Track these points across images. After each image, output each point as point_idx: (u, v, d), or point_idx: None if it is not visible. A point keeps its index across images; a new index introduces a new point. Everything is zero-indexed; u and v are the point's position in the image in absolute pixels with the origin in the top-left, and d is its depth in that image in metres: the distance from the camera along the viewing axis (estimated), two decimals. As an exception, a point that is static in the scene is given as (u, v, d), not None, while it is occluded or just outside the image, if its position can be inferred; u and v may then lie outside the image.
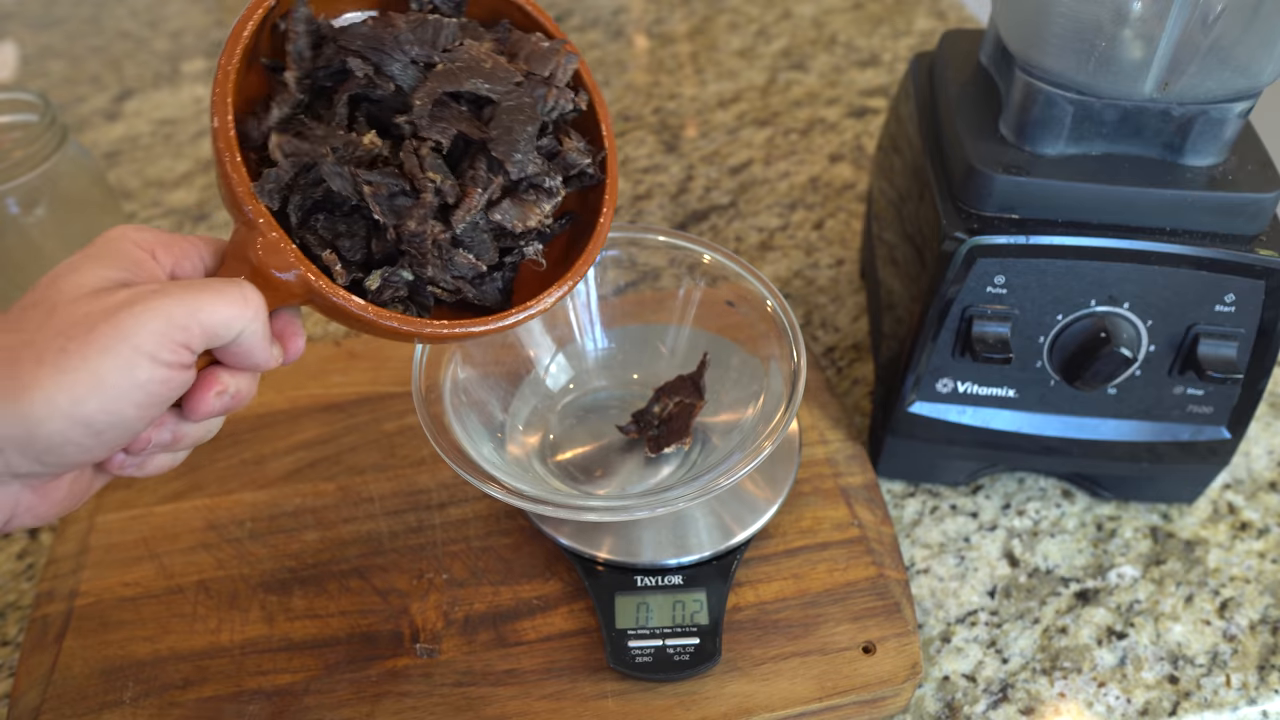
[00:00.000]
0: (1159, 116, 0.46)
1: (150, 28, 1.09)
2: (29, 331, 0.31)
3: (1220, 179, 0.47)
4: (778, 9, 1.08)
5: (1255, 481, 0.58)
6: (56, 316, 0.32)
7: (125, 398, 0.32)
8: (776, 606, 0.49)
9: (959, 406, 0.53)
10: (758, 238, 0.76)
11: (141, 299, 0.32)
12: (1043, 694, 0.48)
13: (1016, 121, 0.48)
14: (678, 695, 0.45)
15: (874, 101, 0.92)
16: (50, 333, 0.31)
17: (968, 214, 0.48)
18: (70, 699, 0.46)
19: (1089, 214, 0.47)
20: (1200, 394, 0.50)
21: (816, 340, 0.68)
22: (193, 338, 0.33)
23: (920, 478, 0.58)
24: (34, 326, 0.32)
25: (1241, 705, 0.48)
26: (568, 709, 0.45)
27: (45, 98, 0.63)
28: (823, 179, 0.82)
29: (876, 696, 0.46)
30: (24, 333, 0.31)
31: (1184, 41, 0.43)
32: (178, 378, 0.33)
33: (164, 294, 0.33)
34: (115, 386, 0.31)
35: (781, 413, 0.46)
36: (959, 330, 0.50)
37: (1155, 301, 0.48)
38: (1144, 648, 0.50)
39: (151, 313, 0.32)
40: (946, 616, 0.52)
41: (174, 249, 0.36)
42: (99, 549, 0.52)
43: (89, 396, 0.31)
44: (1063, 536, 0.55)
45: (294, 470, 0.56)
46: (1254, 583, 0.53)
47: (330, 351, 0.63)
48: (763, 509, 0.50)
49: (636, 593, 0.47)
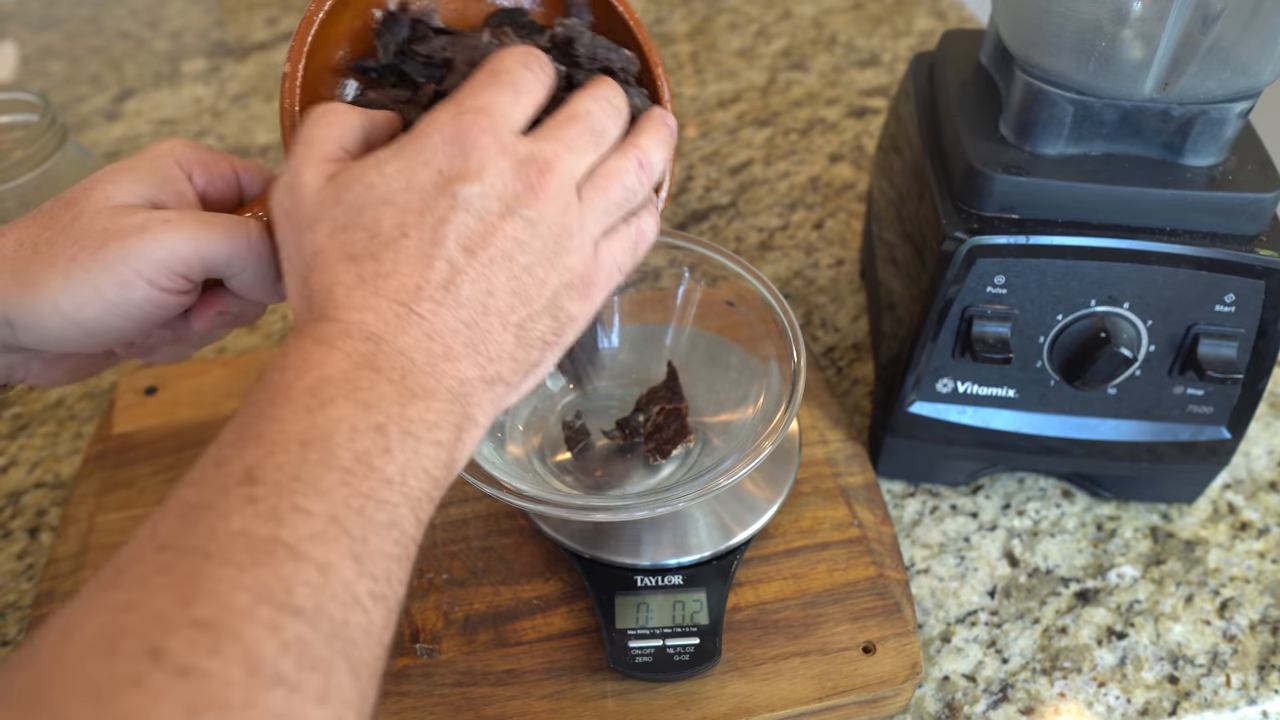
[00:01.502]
0: (1159, 116, 0.46)
1: (150, 28, 1.09)
2: (55, 230, 0.35)
3: (1220, 179, 0.47)
4: (778, 9, 1.08)
5: (1255, 481, 0.58)
6: (80, 223, 0.35)
7: (120, 311, 0.35)
8: (776, 606, 0.49)
9: (959, 406, 0.53)
10: (758, 238, 0.76)
11: (153, 226, 0.35)
12: (1043, 694, 0.48)
13: (1016, 121, 0.48)
14: (678, 695, 0.45)
15: (874, 101, 0.92)
16: (69, 239, 0.35)
17: (968, 214, 0.48)
18: (70, 699, 0.46)
19: (1089, 214, 0.47)
20: (1200, 394, 0.50)
21: (816, 340, 0.68)
22: (192, 270, 0.36)
23: (920, 478, 0.58)
24: (60, 226, 0.35)
25: (1241, 705, 0.48)
26: (568, 709, 0.45)
27: (45, 98, 0.63)
28: (823, 179, 0.82)
29: (876, 696, 0.46)
30: (51, 230, 0.35)
31: (1184, 42, 0.43)
32: (174, 301, 0.36)
33: (174, 226, 0.35)
34: (112, 302, 0.35)
35: (781, 413, 0.46)
36: (959, 330, 0.50)
37: (1155, 301, 0.48)
38: (1144, 648, 0.50)
39: (158, 243, 0.35)
40: (946, 616, 0.52)
41: (211, 170, 0.39)
42: (99, 549, 0.52)
43: (88, 305, 0.35)
44: (1063, 536, 0.55)
45: (294, 470, 0.56)
46: (1254, 583, 0.53)
47: (330, 351, 0.63)
48: (763, 509, 0.50)
49: (636, 593, 0.47)
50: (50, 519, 0.58)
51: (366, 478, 0.29)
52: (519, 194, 0.33)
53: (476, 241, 0.32)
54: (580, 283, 0.35)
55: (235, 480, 0.27)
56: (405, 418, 0.30)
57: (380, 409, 0.30)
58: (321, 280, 0.32)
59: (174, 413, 0.59)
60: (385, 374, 0.31)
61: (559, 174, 0.34)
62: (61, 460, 0.61)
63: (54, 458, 0.61)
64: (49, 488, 0.59)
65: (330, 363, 0.30)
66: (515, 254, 0.33)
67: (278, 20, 1.08)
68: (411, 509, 0.30)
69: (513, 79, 0.35)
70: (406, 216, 0.32)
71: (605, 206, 0.36)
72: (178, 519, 0.27)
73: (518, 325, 0.34)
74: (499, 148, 0.33)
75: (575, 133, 0.35)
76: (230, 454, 0.28)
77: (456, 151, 0.33)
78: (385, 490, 0.29)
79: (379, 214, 0.32)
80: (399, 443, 0.30)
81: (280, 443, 0.28)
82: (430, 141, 0.33)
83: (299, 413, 0.29)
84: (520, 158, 0.33)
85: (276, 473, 0.27)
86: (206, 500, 0.27)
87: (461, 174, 0.32)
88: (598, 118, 0.36)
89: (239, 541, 0.26)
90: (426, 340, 0.32)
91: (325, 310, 0.32)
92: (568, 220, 0.34)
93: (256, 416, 0.29)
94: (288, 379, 0.30)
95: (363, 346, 0.31)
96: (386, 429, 0.30)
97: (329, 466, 0.28)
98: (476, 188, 0.32)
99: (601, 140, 0.36)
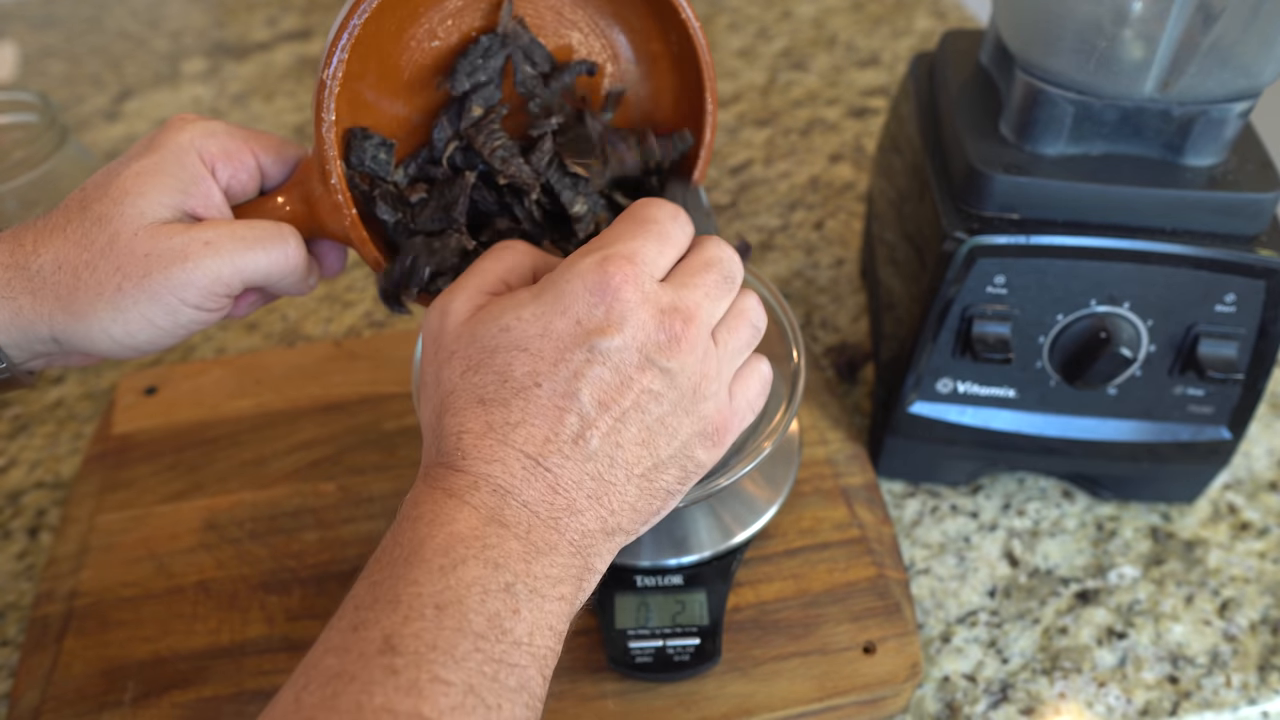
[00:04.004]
0: (1159, 116, 0.46)
1: (150, 28, 1.09)
2: (93, 251, 0.35)
3: (1220, 179, 0.47)
4: (778, 9, 1.08)
5: (1255, 481, 0.58)
6: (118, 247, 0.35)
7: (168, 332, 0.37)
8: (776, 606, 0.49)
9: (959, 406, 0.53)
10: (758, 238, 0.76)
11: (194, 252, 0.36)
12: (1043, 694, 0.48)
13: (1016, 121, 0.48)
14: (678, 695, 0.45)
15: (874, 101, 0.92)
16: (110, 266, 0.35)
17: (968, 214, 0.48)
18: (70, 699, 0.46)
19: (1089, 214, 0.47)
20: (1200, 394, 0.50)
21: (816, 340, 0.68)
22: (234, 289, 0.38)
23: (920, 478, 0.58)
24: (97, 248, 0.35)
25: (1241, 705, 0.48)
26: (568, 709, 0.45)
27: (45, 98, 0.63)
28: (823, 179, 0.82)
29: (876, 696, 0.46)
30: (89, 251, 0.35)
31: (1184, 41, 0.43)
32: (218, 315, 0.38)
33: (214, 249, 0.36)
34: (161, 327, 0.37)
35: (781, 413, 0.46)
36: (959, 330, 0.50)
37: (1155, 301, 0.48)
38: (1144, 648, 0.50)
39: (200, 270, 0.36)
40: (946, 616, 0.52)
41: (235, 161, 0.39)
42: (99, 549, 0.52)
43: (139, 332, 0.37)
44: (1063, 536, 0.55)
45: (294, 470, 0.56)
46: (1254, 583, 0.53)
47: (330, 352, 0.63)
48: (763, 509, 0.50)
49: (636, 593, 0.47)
50: (50, 519, 0.57)
51: (498, 641, 0.29)
52: (661, 345, 0.33)
53: (611, 395, 0.32)
54: (714, 430, 0.35)
55: (375, 649, 0.28)
56: (531, 575, 0.30)
57: (509, 567, 0.30)
58: (452, 424, 0.32)
59: (174, 413, 0.59)
60: (512, 529, 0.31)
61: (700, 323, 0.34)
62: (61, 460, 0.61)
63: (54, 458, 0.61)
64: (49, 488, 0.59)
65: (461, 519, 0.30)
66: (650, 406, 0.33)
67: (278, 20, 1.08)
68: (539, 669, 0.30)
69: (661, 231, 0.34)
70: (540, 365, 0.32)
71: (737, 348, 0.36)
72: (321, 691, 0.27)
73: (642, 476, 0.33)
74: (641, 298, 0.32)
75: (713, 280, 0.35)
76: (368, 618, 0.29)
77: (598, 301, 0.32)
78: (515, 653, 0.29)
79: (511, 359, 0.32)
80: (526, 602, 0.30)
81: (417, 608, 0.28)
82: (571, 289, 0.32)
83: (433, 574, 0.29)
84: (663, 308, 0.33)
85: (415, 640, 0.28)
86: (349, 671, 0.28)
87: (602, 328, 0.32)
88: (728, 264, 0.36)
89: (384, 718, 0.26)
90: (551, 494, 0.31)
91: (454, 460, 0.32)
92: (706, 368, 0.34)
93: (392, 577, 0.29)
94: (420, 534, 0.30)
95: (490, 500, 0.31)
96: (515, 589, 0.30)
97: (463, 633, 0.28)
98: (617, 340, 0.32)
99: (733, 287, 0.36)
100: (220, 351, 0.68)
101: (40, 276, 0.35)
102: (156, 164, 0.37)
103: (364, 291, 0.73)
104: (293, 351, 0.64)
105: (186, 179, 0.37)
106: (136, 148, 0.38)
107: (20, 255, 0.36)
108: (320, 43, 1.03)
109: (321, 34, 1.05)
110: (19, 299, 0.35)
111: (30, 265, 0.35)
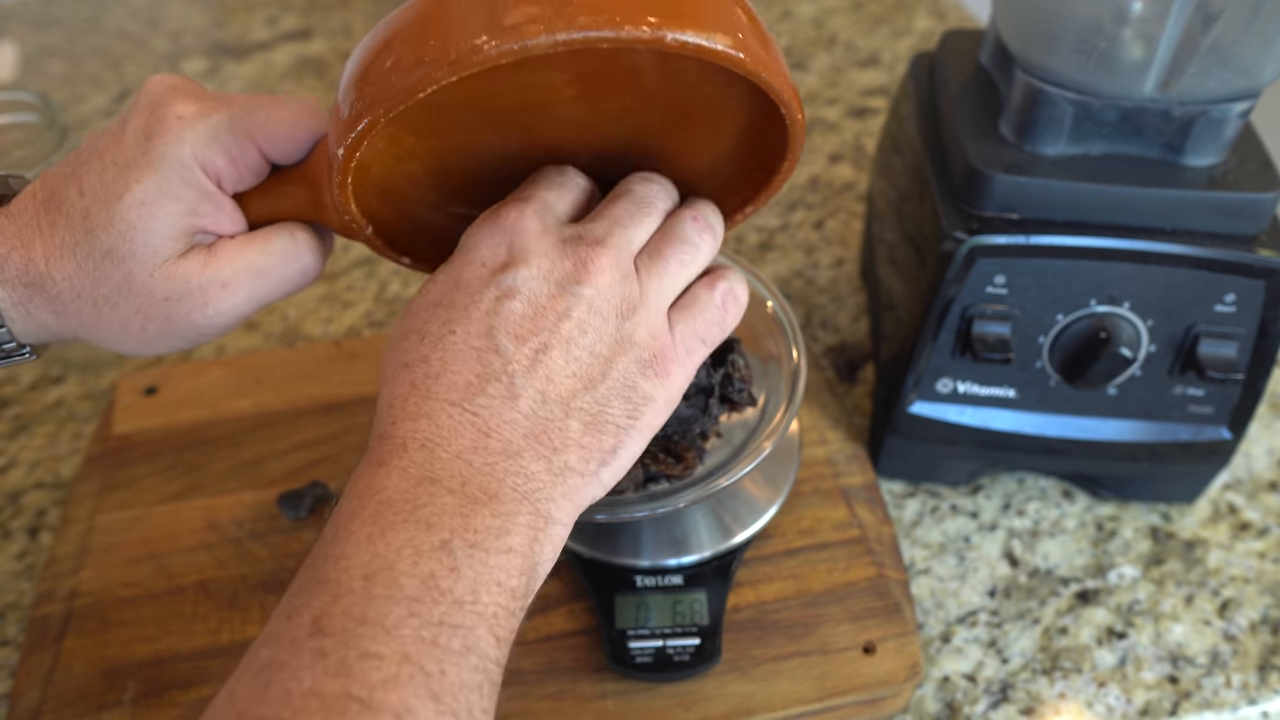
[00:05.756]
0: (1159, 116, 0.46)
1: (150, 28, 1.09)
2: (109, 286, 0.35)
3: (1220, 179, 0.47)
4: (778, 9, 1.08)
5: (1255, 481, 0.58)
6: (135, 288, 0.35)
7: (190, 344, 0.38)
8: (776, 606, 0.49)
9: (959, 406, 0.53)
10: (758, 238, 0.76)
11: (213, 298, 0.36)
12: (1043, 694, 0.48)
13: (1016, 121, 0.48)
14: (678, 695, 0.45)
15: (874, 101, 0.92)
16: (130, 307, 0.35)
17: (968, 214, 0.48)
18: (70, 699, 0.46)
19: (1089, 214, 0.47)
20: (1200, 394, 0.50)
21: (816, 340, 0.68)
22: (253, 314, 0.38)
23: (920, 478, 0.58)
24: (114, 284, 0.35)
25: (1241, 705, 0.48)
26: (568, 709, 0.45)
27: (45, 98, 0.63)
28: (823, 179, 0.82)
29: (876, 696, 0.46)
30: (105, 286, 0.35)
31: (1184, 41, 0.43)
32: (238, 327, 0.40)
33: (232, 291, 0.36)
34: (183, 346, 0.38)
35: (781, 413, 0.46)
36: (959, 330, 0.50)
37: (1155, 301, 0.48)
38: (1144, 648, 0.50)
39: (223, 315, 0.36)
40: (946, 616, 0.52)
41: (239, 164, 0.37)
42: (99, 549, 0.52)
43: (167, 352, 0.38)
44: (1063, 536, 0.55)
45: (294, 470, 0.56)
46: (1254, 583, 0.53)
47: (330, 351, 0.63)
48: (763, 509, 0.50)
49: (636, 593, 0.47)
50: (50, 519, 0.57)
51: (436, 603, 0.27)
52: (569, 273, 0.32)
53: (527, 328, 0.31)
54: (652, 358, 0.33)
55: (305, 633, 0.27)
56: (470, 529, 0.29)
57: (443, 524, 0.29)
58: (384, 396, 0.32)
59: (174, 413, 0.59)
60: (444, 484, 0.29)
61: (611, 246, 0.33)
62: (61, 460, 0.61)
63: (54, 458, 0.61)
64: (49, 488, 0.59)
65: (390, 484, 0.29)
66: (575, 335, 0.32)
67: (278, 20, 1.08)
68: (489, 628, 0.29)
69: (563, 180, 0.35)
70: (453, 314, 0.32)
71: (668, 271, 0.34)
72: (253, 682, 0.27)
73: (583, 410, 0.32)
74: (541, 228, 0.32)
75: (621, 208, 0.34)
76: (299, 603, 0.28)
77: (500, 240, 0.32)
78: (457, 614, 0.28)
79: (428, 317, 0.32)
80: (466, 559, 0.28)
81: (345, 583, 0.27)
82: (474, 239, 0.33)
83: (360, 545, 0.28)
84: (566, 237, 0.33)
85: (343, 618, 0.27)
86: (279, 659, 0.27)
87: (506, 263, 0.32)
88: (641, 192, 0.35)
89: (312, 703, 0.25)
90: (483, 438, 0.30)
91: (384, 427, 0.31)
92: (628, 292, 0.33)
93: (323, 557, 0.29)
94: (351, 509, 0.29)
95: (419, 457, 0.30)
96: (451, 545, 0.28)
97: (394, 600, 0.27)
98: (523, 272, 0.32)
99: (650, 210, 0.35)
100: (220, 351, 0.68)
101: (60, 301, 0.35)
102: (159, 188, 0.34)
103: (364, 291, 0.73)
104: (293, 351, 0.64)
105: (193, 199, 0.35)
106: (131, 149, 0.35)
107: (34, 272, 0.34)
108: (320, 43, 1.03)
109: (322, 34, 1.05)
110: (41, 316, 0.35)
111: (48, 288, 0.34)
